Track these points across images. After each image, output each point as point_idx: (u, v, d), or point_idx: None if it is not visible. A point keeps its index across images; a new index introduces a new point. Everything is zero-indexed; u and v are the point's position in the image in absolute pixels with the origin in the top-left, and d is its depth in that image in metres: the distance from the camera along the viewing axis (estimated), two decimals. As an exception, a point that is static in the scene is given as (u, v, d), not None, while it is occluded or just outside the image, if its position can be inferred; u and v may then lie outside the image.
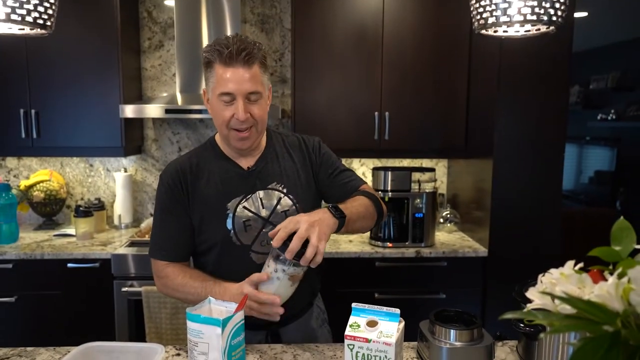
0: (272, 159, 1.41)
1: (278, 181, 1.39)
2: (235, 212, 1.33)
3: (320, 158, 1.47)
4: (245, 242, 1.34)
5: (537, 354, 1.11)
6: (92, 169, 2.94)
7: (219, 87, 1.26)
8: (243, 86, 1.25)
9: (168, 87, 2.91)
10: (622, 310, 0.55)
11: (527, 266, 2.41)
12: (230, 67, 1.24)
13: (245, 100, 1.26)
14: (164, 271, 1.35)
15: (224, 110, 1.27)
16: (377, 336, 0.93)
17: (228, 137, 1.32)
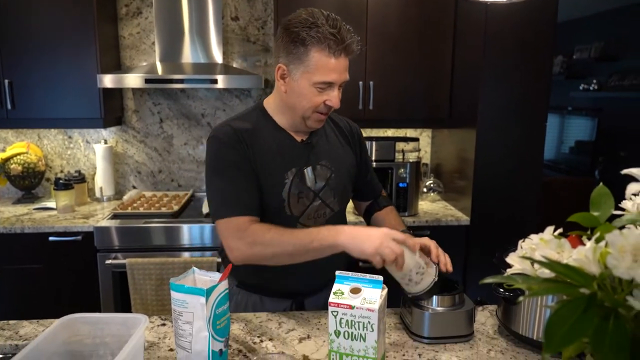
0: (321, 136, 1.42)
1: (328, 159, 1.40)
2: (292, 182, 1.33)
3: (360, 146, 1.52)
4: (295, 213, 1.35)
5: (515, 318, 1.14)
6: (71, 140, 2.88)
7: (318, 74, 1.23)
8: (343, 76, 1.26)
9: (147, 56, 2.83)
10: (598, 273, 0.56)
11: (508, 234, 2.45)
12: (336, 58, 1.22)
13: (339, 88, 1.28)
14: (249, 229, 1.22)
15: (316, 96, 1.26)
16: (360, 303, 0.94)
17: (308, 118, 1.30)
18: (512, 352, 1.13)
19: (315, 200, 1.36)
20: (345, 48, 1.22)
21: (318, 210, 1.37)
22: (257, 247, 1.21)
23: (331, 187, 1.39)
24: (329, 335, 0.97)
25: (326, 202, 1.38)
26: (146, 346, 1.14)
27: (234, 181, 1.27)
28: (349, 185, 1.47)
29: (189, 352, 0.94)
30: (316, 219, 1.37)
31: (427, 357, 1.10)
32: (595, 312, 0.53)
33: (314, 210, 1.36)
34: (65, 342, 0.92)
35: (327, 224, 1.36)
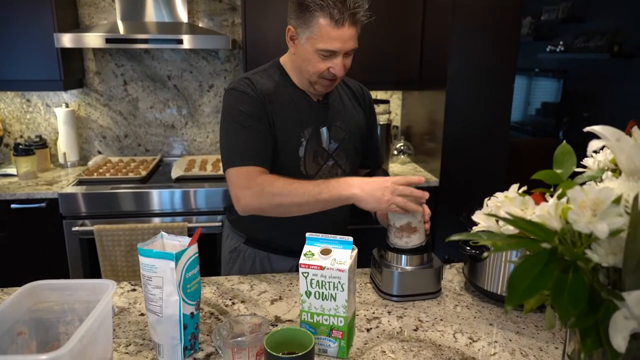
0: (335, 97, 1.42)
1: (342, 120, 1.41)
2: (309, 141, 1.34)
3: (371, 109, 1.53)
4: (310, 172, 1.36)
5: (480, 274, 1.18)
6: (29, 104, 2.75)
7: (321, 42, 1.21)
8: (347, 45, 1.23)
9: (107, 14, 2.69)
10: (559, 228, 0.57)
11: (476, 194, 2.50)
12: (339, 27, 1.19)
13: (344, 57, 1.26)
14: (256, 179, 1.22)
15: (320, 62, 1.25)
16: (330, 263, 0.95)
17: (315, 83, 1.30)
18: (477, 306, 1.17)
19: (329, 161, 1.38)
20: (349, 16, 1.19)
21: (331, 171, 1.39)
22: (265, 197, 1.20)
23: (344, 149, 1.41)
24: (300, 295, 0.98)
25: (339, 163, 1.40)
26: (117, 311, 1.14)
27: (249, 132, 1.26)
28: (360, 147, 1.48)
29: (160, 316, 0.93)
30: None
31: (396, 314, 1.13)
32: (555, 265, 0.55)
33: (327, 170, 1.38)
34: (31, 309, 0.90)
35: None
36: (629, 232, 0.51)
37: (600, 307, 0.55)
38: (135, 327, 1.08)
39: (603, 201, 0.52)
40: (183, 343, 0.95)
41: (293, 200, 1.19)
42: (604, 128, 0.65)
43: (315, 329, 0.98)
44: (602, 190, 0.53)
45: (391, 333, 1.05)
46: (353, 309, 1.01)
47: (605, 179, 0.65)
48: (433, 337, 1.04)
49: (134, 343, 1.02)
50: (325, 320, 0.97)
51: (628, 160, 0.61)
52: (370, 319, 1.11)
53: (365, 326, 1.08)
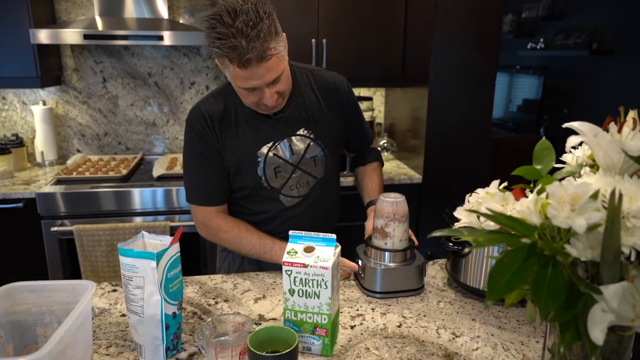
0: (297, 102, 1.36)
1: (306, 127, 1.36)
2: (266, 160, 1.32)
3: (350, 101, 1.46)
4: (275, 186, 1.35)
5: (463, 270, 1.19)
6: (4, 102, 2.69)
7: (237, 80, 1.17)
8: (265, 79, 1.15)
9: (85, 10, 2.64)
10: (539, 223, 0.58)
11: (459, 190, 2.53)
12: (247, 68, 1.11)
13: (270, 87, 1.18)
14: (213, 221, 1.34)
15: (249, 95, 1.21)
16: (314, 261, 0.95)
17: (257, 109, 1.27)
18: (460, 302, 1.18)
19: (295, 172, 1.36)
20: (249, 60, 1.10)
21: (300, 180, 1.37)
22: (219, 240, 1.37)
23: (311, 156, 1.36)
24: (284, 294, 0.97)
25: (307, 172, 1.37)
26: (97, 312, 1.12)
27: (200, 173, 1.33)
28: (336, 148, 1.44)
29: (141, 317, 0.92)
30: (299, 189, 1.38)
31: (380, 311, 1.14)
32: (535, 260, 0.55)
33: (295, 181, 1.36)
34: (7, 311, 0.88)
35: (312, 192, 1.39)
36: (606, 226, 0.52)
37: (578, 300, 0.55)
38: (116, 328, 1.06)
39: (581, 196, 0.53)
40: (165, 343, 0.94)
41: (241, 251, 1.36)
42: (582, 124, 0.65)
43: (299, 326, 0.98)
44: (580, 185, 0.54)
45: (375, 330, 1.05)
46: (337, 307, 1.01)
47: (583, 175, 0.66)
48: (416, 333, 1.04)
49: (115, 344, 1.00)
50: (309, 318, 0.97)
51: (605, 155, 0.62)
52: (354, 316, 1.11)
53: (349, 323, 1.08)
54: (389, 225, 1.19)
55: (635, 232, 0.53)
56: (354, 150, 1.60)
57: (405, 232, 1.21)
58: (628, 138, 0.62)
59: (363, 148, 1.59)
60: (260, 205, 1.38)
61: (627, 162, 0.60)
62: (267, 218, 1.39)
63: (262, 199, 1.36)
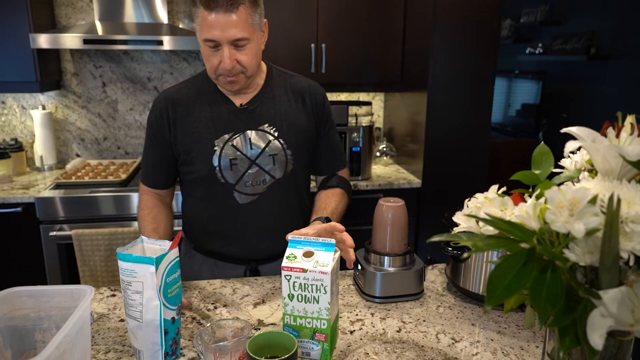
0: (267, 99, 1.36)
1: (270, 123, 1.34)
2: (223, 150, 1.31)
3: (323, 111, 1.43)
4: (229, 180, 1.33)
5: (463, 274, 1.19)
6: (4, 106, 2.69)
7: (202, 31, 1.19)
8: (228, 33, 1.16)
9: (85, 15, 2.65)
10: (538, 228, 0.58)
11: (457, 195, 2.53)
12: (212, 11, 1.14)
13: (231, 47, 1.20)
14: (142, 196, 1.41)
15: (211, 56, 1.22)
16: (313, 266, 0.94)
17: (217, 81, 1.28)
18: (460, 307, 1.18)
19: (252, 167, 1.33)
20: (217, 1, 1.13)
21: (256, 178, 1.34)
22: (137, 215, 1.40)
23: (270, 153, 1.33)
24: (283, 298, 0.97)
25: (265, 169, 1.34)
26: (96, 318, 1.12)
27: (147, 152, 1.40)
28: (300, 152, 1.38)
29: (140, 322, 0.92)
30: (255, 186, 1.34)
31: (380, 316, 1.13)
32: (534, 265, 0.55)
33: (251, 177, 1.33)
34: (6, 316, 0.87)
35: (269, 191, 1.35)
36: (605, 231, 0.52)
37: (577, 305, 0.55)
38: (115, 333, 1.06)
39: (580, 201, 0.53)
40: (164, 349, 0.94)
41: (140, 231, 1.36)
42: (580, 129, 0.66)
43: (298, 332, 0.97)
44: (578, 190, 0.54)
45: (374, 335, 1.05)
46: (336, 312, 1.01)
47: (582, 179, 0.66)
48: (416, 338, 1.04)
49: (114, 349, 1.00)
50: (308, 323, 0.96)
51: (603, 160, 0.62)
52: (353, 321, 1.11)
53: (348, 328, 1.08)
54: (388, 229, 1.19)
55: (634, 236, 0.53)
56: (321, 171, 1.51)
57: (405, 236, 1.20)
58: (626, 143, 0.62)
59: (330, 172, 1.49)
60: (213, 201, 1.36)
61: (625, 167, 0.60)
62: (219, 215, 1.37)
63: (217, 195, 1.35)
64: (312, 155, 1.46)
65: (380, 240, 1.20)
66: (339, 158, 1.51)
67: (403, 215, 1.20)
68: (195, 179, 1.36)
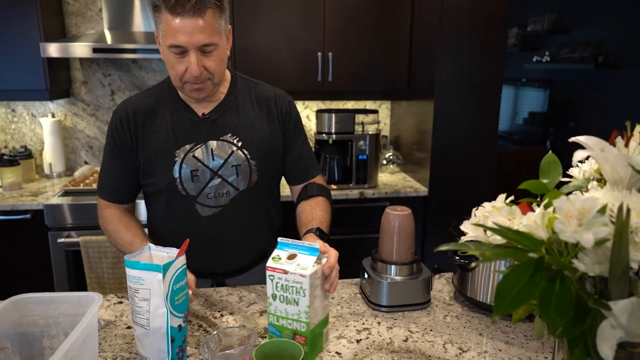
0: (230, 108, 1.32)
1: (233, 133, 1.31)
2: (184, 160, 1.28)
3: (289, 120, 1.39)
4: (190, 192, 1.29)
5: (470, 284, 1.18)
6: (14, 114, 2.72)
7: (168, 37, 1.14)
8: (195, 38, 1.13)
9: (95, 24, 2.68)
10: (546, 238, 0.58)
11: (464, 203, 2.52)
12: (178, 16, 1.11)
13: (198, 53, 1.16)
14: (103, 211, 1.36)
15: (176, 63, 1.18)
16: (294, 268, 0.96)
17: (182, 89, 1.25)
18: (467, 316, 1.17)
19: (214, 179, 1.29)
20: (183, 4, 1.09)
21: (218, 189, 1.30)
22: (106, 233, 1.36)
23: (233, 164, 1.30)
24: (268, 298, 0.99)
25: (228, 181, 1.30)
26: (103, 325, 1.12)
27: (107, 165, 1.35)
28: (265, 163, 1.34)
29: (147, 329, 0.92)
30: (217, 198, 1.30)
31: (386, 325, 1.13)
32: (542, 275, 0.55)
33: (213, 189, 1.30)
34: (15, 323, 0.88)
35: (233, 204, 1.32)
36: (614, 241, 0.51)
37: (587, 316, 0.55)
38: (122, 340, 1.06)
39: (588, 211, 0.53)
40: (170, 356, 0.93)
41: (117, 246, 1.33)
42: (589, 138, 0.65)
43: (280, 332, 0.99)
44: (587, 199, 0.54)
45: (381, 344, 1.05)
46: (321, 317, 1.01)
47: (590, 189, 0.66)
48: (423, 348, 1.03)
49: (120, 357, 1.00)
50: (289, 324, 0.98)
51: (612, 170, 0.62)
52: (360, 330, 1.11)
53: (355, 337, 1.07)
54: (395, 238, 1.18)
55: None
56: (293, 181, 1.45)
57: (412, 245, 1.20)
58: (635, 152, 0.62)
59: (305, 180, 1.43)
60: (175, 214, 1.33)
61: (634, 176, 0.60)
62: (182, 228, 1.32)
63: (178, 207, 1.31)
64: (282, 166, 1.42)
65: (387, 249, 1.20)
66: (311, 166, 1.45)
67: (410, 223, 1.19)
68: (156, 191, 1.33)
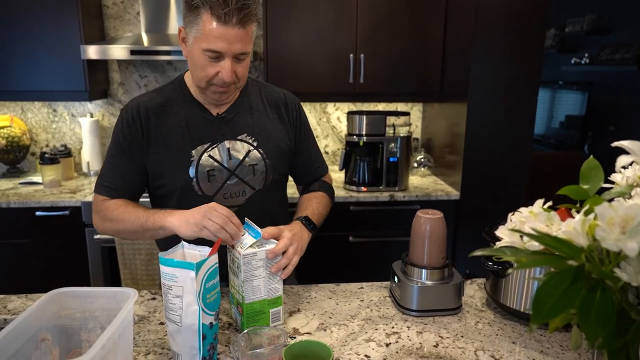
0: (244, 109, 1.34)
1: (249, 133, 1.32)
2: (200, 160, 1.27)
3: (299, 122, 1.42)
4: (207, 192, 1.29)
5: (503, 290, 1.16)
6: (55, 114, 2.82)
7: (205, 41, 1.14)
8: (234, 47, 1.15)
9: (132, 27, 2.76)
10: (587, 245, 0.56)
11: (498, 208, 2.47)
12: (223, 25, 1.12)
13: (233, 60, 1.18)
14: (103, 204, 1.28)
15: (208, 66, 1.18)
16: (238, 246, 1.08)
17: (206, 90, 1.24)
18: (500, 324, 1.14)
19: (231, 179, 1.30)
20: (235, 13, 1.10)
21: (235, 189, 1.31)
22: (107, 222, 1.27)
23: (250, 164, 1.31)
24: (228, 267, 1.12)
25: (244, 180, 1.31)
26: (136, 320, 1.15)
27: (113, 162, 1.30)
28: (279, 162, 1.36)
29: (179, 326, 0.94)
30: (234, 198, 1.31)
31: (416, 329, 1.11)
32: (582, 283, 0.53)
33: (230, 188, 1.30)
34: (55, 315, 0.91)
35: (248, 203, 1.32)
36: (661, 251, 0.49)
37: (629, 327, 0.53)
38: (155, 335, 1.08)
39: (633, 218, 0.51)
40: (202, 353, 0.95)
41: (126, 227, 1.24)
42: (633, 143, 0.63)
43: (232, 298, 1.13)
44: (631, 206, 0.52)
45: (411, 349, 1.04)
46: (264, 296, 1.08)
47: (634, 196, 0.63)
48: (454, 354, 1.01)
49: (153, 352, 1.02)
50: (235, 293, 1.10)
51: (658, 176, 0.59)
52: (389, 333, 1.10)
53: (384, 341, 1.06)
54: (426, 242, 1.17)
55: (692, 257, 0.50)
56: (300, 181, 1.50)
57: (443, 249, 1.19)
58: (683, 158, 0.59)
59: (313, 179, 1.48)
60: None
61: (682, 183, 0.57)
62: None
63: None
64: (292, 166, 1.44)
65: (418, 253, 1.19)
66: (320, 165, 1.49)
67: (442, 227, 1.18)
68: (169, 192, 1.30)
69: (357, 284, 1.35)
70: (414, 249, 1.20)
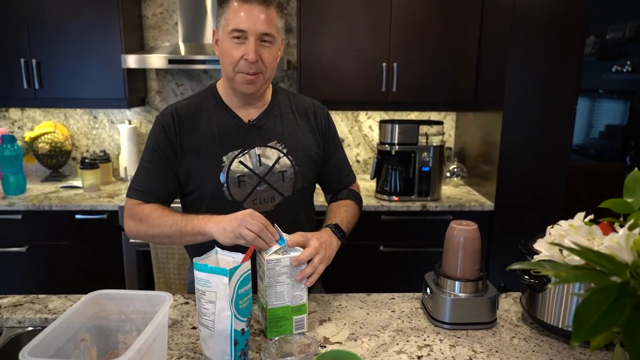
0: (275, 116, 1.36)
1: (279, 140, 1.34)
2: (231, 166, 1.29)
3: (328, 130, 1.44)
4: (237, 197, 1.30)
5: (540, 305, 1.12)
6: (96, 120, 2.92)
7: (231, 23, 1.21)
8: (257, 25, 1.21)
9: (170, 37, 2.84)
10: (631, 261, 0.54)
11: (532, 220, 2.41)
12: (247, 3, 1.20)
13: (257, 42, 1.22)
14: (137, 208, 1.28)
15: (234, 49, 1.22)
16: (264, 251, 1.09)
17: (234, 80, 1.26)
18: (536, 340, 1.11)
19: (261, 185, 1.31)
20: None
21: (264, 195, 1.32)
22: (142, 226, 1.27)
23: (279, 170, 1.32)
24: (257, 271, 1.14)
25: (274, 186, 1.32)
26: (170, 323, 1.17)
27: (148, 166, 1.31)
28: (308, 169, 1.37)
29: (212, 331, 0.95)
30: (263, 204, 1.31)
31: (449, 342, 1.09)
32: (627, 301, 0.51)
33: (259, 194, 1.31)
34: (94, 316, 0.94)
35: (277, 210, 1.33)
36: None
37: (678, 349, 0.50)
38: (187, 340, 1.10)
39: (682, 234, 0.49)
40: (233, 359, 0.96)
41: (163, 231, 1.24)
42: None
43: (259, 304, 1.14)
44: (681, 222, 0.50)
45: (443, 362, 1.02)
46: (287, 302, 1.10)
47: (683, 210, 0.60)
48: (487, 369, 0.99)
49: (186, 356, 1.04)
50: (261, 297, 1.12)
51: None
52: (421, 345, 1.08)
53: (416, 353, 1.05)
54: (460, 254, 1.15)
55: None
56: (327, 189, 1.51)
57: (477, 261, 1.16)
58: None
59: (340, 188, 1.49)
60: None
61: None
62: None
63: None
64: (320, 174, 1.45)
65: (451, 264, 1.17)
66: (347, 174, 1.50)
67: (476, 239, 1.15)
68: (200, 197, 1.32)
69: (388, 294, 1.34)
70: (447, 261, 1.18)
